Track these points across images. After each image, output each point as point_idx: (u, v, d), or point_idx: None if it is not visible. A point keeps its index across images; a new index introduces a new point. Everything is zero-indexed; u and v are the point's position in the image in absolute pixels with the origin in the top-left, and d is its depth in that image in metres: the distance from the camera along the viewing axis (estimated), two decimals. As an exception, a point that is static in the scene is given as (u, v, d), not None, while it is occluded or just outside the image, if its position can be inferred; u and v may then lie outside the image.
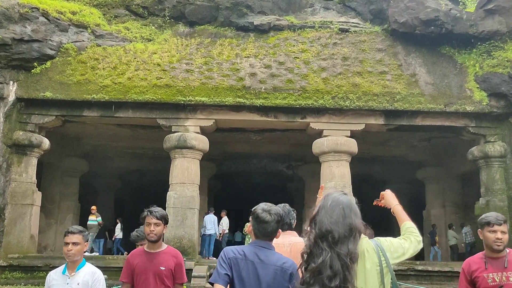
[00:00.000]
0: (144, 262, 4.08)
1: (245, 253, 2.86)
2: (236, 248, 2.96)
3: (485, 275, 3.35)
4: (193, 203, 13.28)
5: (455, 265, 13.23)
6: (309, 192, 18.47)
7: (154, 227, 4.06)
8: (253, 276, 2.78)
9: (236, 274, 2.80)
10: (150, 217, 4.11)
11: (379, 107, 13.44)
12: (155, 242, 4.11)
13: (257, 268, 2.80)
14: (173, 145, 13.48)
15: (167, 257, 4.11)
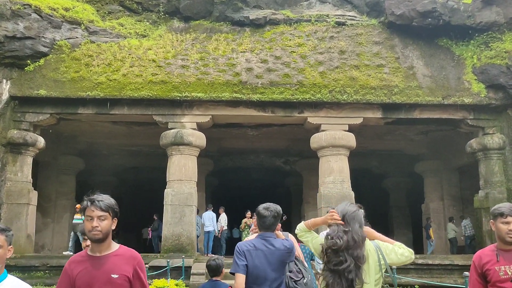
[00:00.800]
0: (89, 271, 2.96)
1: (255, 245, 3.61)
2: (247, 242, 3.70)
3: (497, 268, 3.25)
4: (191, 200, 13.17)
5: (455, 258, 13.20)
6: (307, 187, 18.40)
7: (98, 222, 2.98)
8: (264, 261, 3.54)
9: (251, 262, 3.52)
10: (91, 208, 3.01)
11: (376, 100, 13.35)
12: (101, 241, 3.01)
13: (266, 255, 3.57)
14: (170, 142, 13.36)
15: (120, 260, 3.00)
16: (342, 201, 10.34)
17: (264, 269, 3.53)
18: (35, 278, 12.30)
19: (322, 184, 13.63)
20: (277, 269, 3.59)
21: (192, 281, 11.70)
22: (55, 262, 12.55)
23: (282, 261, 3.61)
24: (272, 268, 3.55)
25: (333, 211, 3.24)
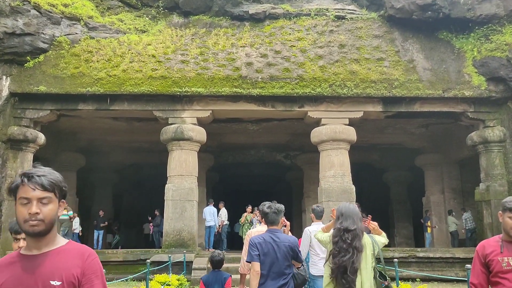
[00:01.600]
0: (18, 278, 2.04)
1: (264, 238, 4.38)
2: (258, 236, 4.44)
3: (500, 259, 3.25)
4: (191, 195, 13.18)
5: (456, 251, 13.22)
6: (308, 182, 18.41)
7: (39, 206, 2.05)
8: (272, 251, 4.29)
9: (262, 252, 4.27)
10: (29, 185, 2.08)
11: (377, 94, 13.33)
12: (42, 235, 2.08)
13: (273, 246, 4.31)
14: (170, 137, 13.36)
15: (65, 259, 2.07)
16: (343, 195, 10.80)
17: (273, 256, 4.29)
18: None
19: (323, 178, 13.64)
20: (283, 257, 4.34)
21: (193, 276, 11.73)
22: (57, 258, 12.57)
23: (286, 250, 4.35)
24: (279, 255, 4.31)
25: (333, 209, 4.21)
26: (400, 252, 13.08)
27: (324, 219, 6.69)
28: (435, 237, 17.35)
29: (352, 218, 3.81)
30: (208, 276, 5.53)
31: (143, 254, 12.72)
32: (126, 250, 13.86)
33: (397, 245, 19.06)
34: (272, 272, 4.24)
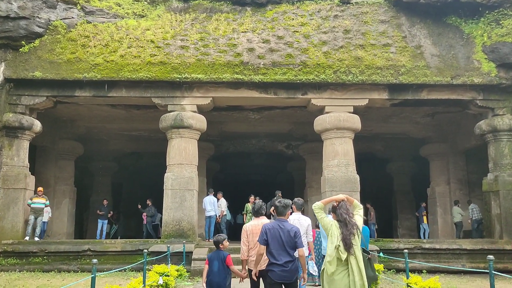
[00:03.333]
0: None
1: (273, 226, 5.39)
2: (269, 224, 5.49)
3: None
4: (191, 184, 12.85)
5: (463, 243, 12.89)
6: (310, 172, 18.05)
7: None
8: (277, 236, 5.29)
9: (270, 236, 5.28)
10: None
11: (383, 81, 12.93)
12: None
13: (279, 232, 5.32)
14: (170, 125, 12.99)
15: None
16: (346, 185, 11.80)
17: (279, 240, 5.31)
18: (33, 264, 12.07)
19: (326, 167, 13.28)
20: (288, 241, 5.33)
21: (193, 266, 11.43)
22: (54, 248, 12.28)
23: (289, 235, 5.32)
24: (284, 238, 5.31)
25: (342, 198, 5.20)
26: (406, 243, 12.76)
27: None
28: (439, 228, 17.01)
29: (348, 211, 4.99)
30: (211, 254, 6.31)
31: (142, 244, 12.41)
32: (125, 240, 13.56)
33: (400, 237, 18.76)
34: (281, 249, 5.29)
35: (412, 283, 7.00)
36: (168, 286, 8.49)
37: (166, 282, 8.44)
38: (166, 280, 8.45)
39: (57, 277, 10.73)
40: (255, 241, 5.62)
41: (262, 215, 6.10)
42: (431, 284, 6.68)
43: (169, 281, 8.52)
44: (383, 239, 13.37)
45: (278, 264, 5.23)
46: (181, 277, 10.46)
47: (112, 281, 10.14)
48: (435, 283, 6.73)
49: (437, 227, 17.04)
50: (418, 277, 7.21)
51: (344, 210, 4.90)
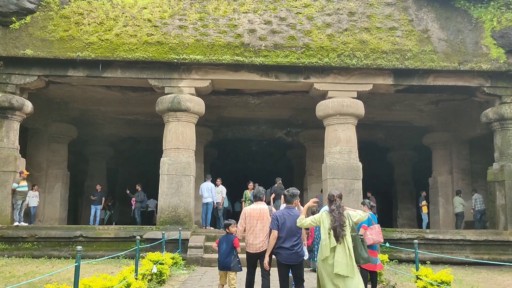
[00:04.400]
0: None
1: (283, 213, 5.88)
2: (280, 211, 6.01)
3: None
4: (188, 169, 12.41)
5: (467, 234, 12.54)
6: (310, 159, 17.64)
7: None
8: (286, 222, 5.72)
9: (281, 222, 5.74)
10: None
11: (388, 65, 12.47)
12: None
13: (288, 217, 5.76)
14: (166, 108, 12.52)
15: None
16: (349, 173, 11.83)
17: (288, 225, 5.75)
18: (22, 250, 11.66)
19: (328, 154, 12.86)
20: (295, 226, 5.72)
21: (189, 254, 11.05)
22: (44, 233, 11.87)
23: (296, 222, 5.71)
24: (292, 225, 5.73)
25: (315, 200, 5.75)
26: (408, 233, 12.39)
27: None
28: (441, 218, 16.66)
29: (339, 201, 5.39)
30: (222, 237, 6.76)
31: (136, 231, 12.00)
32: (118, 226, 13.16)
33: (400, 227, 18.41)
34: (288, 234, 5.75)
35: (422, 275, 6.60)
36: (162, 274, 8.09)
37: (160, 271, 8.04)
38: (160, 269, 8.06)
39: (46, 264, 10.32)
40: (252, 224, 6.22)
41: (261, 200, 6.48)
42: (443, 277, 6.28)
43: (163, 270, 8.12)
44: (385, 229, 12.93)
45: (286, 248, 5.71)
46: (176, 265, 10.07)
47: (104, 269, 9.74)
48: (448, 276, 6.33)
49: (438, 217, 16.70)
50: (428, 269, 6.81)
51: (335, 204, 5.31)
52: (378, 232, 7.53)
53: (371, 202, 8.07)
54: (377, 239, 7.48)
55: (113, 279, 5.87)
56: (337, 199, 5.32)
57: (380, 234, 7.53)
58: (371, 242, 7.46)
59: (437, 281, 6.18)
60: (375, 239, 7.47)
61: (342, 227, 5.07)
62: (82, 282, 5.28)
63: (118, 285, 5.72)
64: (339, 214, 5.16)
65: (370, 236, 7.45)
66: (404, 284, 8.23)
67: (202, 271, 10.13)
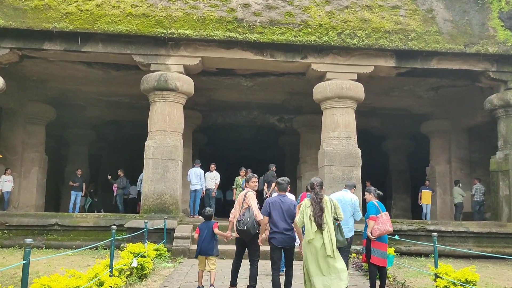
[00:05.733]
0: None
1: (275, 200, 6.18)
2: (272, 198, 6.28)
3: None
4: (175, 153, 11.51)
5: (470, 225, 11.89)
6: (305, 146, 16.85)
7: None
8: (279, 208, 6.08)
9: (272, 209, 6.08)
10: None
11: (390, 46, 11.67)
12: None
13: (280, 204, 6.10)
14: (152, 86, 11.58)
15: None
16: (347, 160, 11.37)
17: (279, 212, 6.00)
18: (-8, 238, 10.70)
19: (325, 140, 12.06)
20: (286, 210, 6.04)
21: (175, 245, 10.19)
22: (16, 221, 10.93)
23: (288, 207, 6.05)
24: (285, 211, 6.00)
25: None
26: (409, 225, 11.71)
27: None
28: (438, 209, 16.01)
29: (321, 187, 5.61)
30: (202, 224, 6.91)
31: (117, 219, 11.11)
32: (98, 214, 12.27)
33: (394, 217, 17.70)
34: (280, 220, 5.98)
35: (442, 272, 5.81)
36: (144, 268, 7.22)
37: (141, 264, 7.17)
38: (141, 262, 7.18)
39: (16, 254, 9.38)
40: (235, 210, 6.58)
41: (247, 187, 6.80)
42: (468, 275, 5.49)
43: (145, 263, 7.25)
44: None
45: (279, 232, 5.97)
46: (160, 258, 9.22)
47: (79, 261, 8.86)
48: (473, 274, 5.55)
49: (435, 208, 16.04)
50: (448, 266, 6.02)
51: (314, 193, 5.53)
52: (385, 220, 6.82)
53: (377, 190, 7.32)
54: (383, 228, 6.75)
55: (83, 276, 4.99)
56: (317, 187, 5.55)
57: (387, 222, 6.81)
58: (377, 233, 6.76)
59: (461, 280, 5.40)
60: (381, 229, 6.76)
61: (321, 216, 5.32)
62: (40, 281, 4.40)
63: (87, 284, 4.82)
64: (317, 203, 5.39)
65: (376, 226, 6.79)
66: (413, 281, 7.49)
67: (189, 263, 9.29)
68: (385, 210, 7.03)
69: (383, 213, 6.90)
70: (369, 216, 6.93)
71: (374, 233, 6.79)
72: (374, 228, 6.79)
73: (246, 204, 6.38)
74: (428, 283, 7.19)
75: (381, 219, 6.81)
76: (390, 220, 6.91)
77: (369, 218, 6.96)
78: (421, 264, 9.48)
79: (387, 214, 6.95)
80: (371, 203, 7.01)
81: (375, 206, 6.99)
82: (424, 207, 16.01)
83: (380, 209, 6.97)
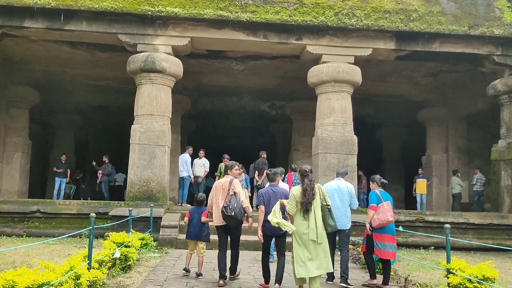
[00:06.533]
0: None
1: (267, 190, 6.30)
2: (264, 189, 6.43)
3: None
4: (163, 139, 10.94)
5: (470, 216, 11.46)
6: (297, 133, 16.37)
7: None
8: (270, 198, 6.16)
9: (266, 198, 6.18)
10: None
11: (391, 27, 11.13)
12: None
13: (271, 194, 6.20)
14: (139, 68, 10.98)
15: None
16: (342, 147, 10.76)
17: (272, 201, 6.06)
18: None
19: (320, 126, 11.55)
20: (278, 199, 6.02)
21: (162, 234, 9.65)
22: (-7, 207, 10.33)
23: (280, 196, 6.16)
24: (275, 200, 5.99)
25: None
26: (406, 215, 11.28)
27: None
28: (434, 199, 15.61)
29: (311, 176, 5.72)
30: (193, 209, 6.97)
31: (102, 207, 10.57)
32: (82, 201, 11.68)
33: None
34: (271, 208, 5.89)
35: (455, 268, 5.30)
36: (127, 259, 6.69)
37: (125, 255, 6.63)
38: (125, 252, 6.64)
39: (-8, 243, 8.83)
40: (217, 197, 6.43)
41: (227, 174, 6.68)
42: (486, 271, 4.98)
43: (129, 253, 6.71)
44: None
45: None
46: (146, 247, 8.69)
47: (60, 250, 8.32)
48: (491, 270, 5.04)
49: (431, 198, 15.62)
50: (461, 260, 5.52)
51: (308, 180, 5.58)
52: (386, 210, 6.38)
53: (381, 178, 6.86)
54: (383, 218, 6.31)
55: (57, 269, 4.44)
56: (310, 174, 5.65)
57: (388, 212, 6.36)
58: (376, 223, 6.31)
59: (478, 277, 4.90)
60: (381, 219, 6.32)
61: (311, 203, 5.43)
62: (5, 276, 3.86)
63: (60, 279, 4.26)
64: (311, 190, 5.47)
65: (376, 216, 6.37)
66: (415, 275, 7.02)
67: (176, 254, 8.76)
68: (389, 199, 6.59)
69: (384, 202, 6.47)
70: (370, 206, 6.49)
71: (373, 223, 6.38)
72: (373, 218, 6.38)
73: (232, 190, 6.31)
74: (432, 277, 6.73)
75: (382, 208, 6.39)
76: (391, 210, 6.47)
77: (369, 208, 6.54)
78: (422, 257, 9.04)
79: (389, 203, 6.50)
80: (373, 192, 6.62)
81: (376, 195, 6.57)
82: (419, 197, 15.42)
83: (382, 198, 6.52)
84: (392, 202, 6.70)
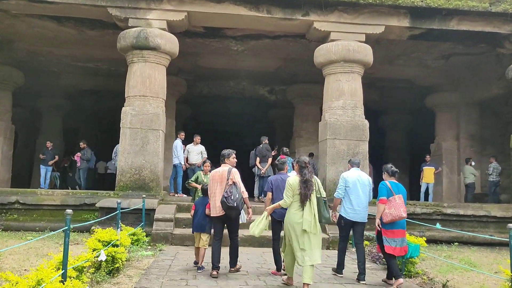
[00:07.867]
0: None
1: (276, 178, 6.48)
2: (274, 176, 6.68)
3: None
4: (157, 122, 9.98)
5: (491, 209, 10.62)
6: (299, 118, 15.45)
7: None
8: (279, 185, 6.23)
9: (274, 186, 6.34)
10: None
11: (406, 2, 10.19)
12: None
13: (280, 182, 6.25)
14: (130, 44, 9.97)
15: None
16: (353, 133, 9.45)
17: (281, 188, 6.06)
18: None
19: (328, 109, 10.64)
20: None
21: (155, 229, 8.71)
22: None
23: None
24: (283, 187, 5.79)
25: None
26: (423, 207, 10.42)
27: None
28: (444, 189, 14.75)
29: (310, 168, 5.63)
30: (198, 200, 6.90)
31: (88, 197, 9.64)
32: (66, 191, 10.68)
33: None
34: (280, 196, 5.82)
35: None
36: (115, 261, 5.74)
37: (112, 255, 5.69)
38: (112, 253, 5.70)
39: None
40: (214, 187, 6.19)
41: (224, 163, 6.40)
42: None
43: (117, 254, 5.75)
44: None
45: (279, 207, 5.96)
46: (138, 244, 7.77)
47: (40, 247, 7.39)
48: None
49: (441, 188, 14.76)
50: None
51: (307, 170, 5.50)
52: (398, 204, 5.73)
53: (393, 167, 6.07)
54: (396, 214, 5.68)
55: (20, 283, 3.49)
56: (309, 166, 5.57)
57: (401, 207, 5.73)
58: (388, 218, 5.69)
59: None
60: (394, 214, 5.68)
61: (310, 195, 5.40)
62: None
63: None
64: (310, 182, 5.44)
65: (388, 210, 5.73)
66: (450, 278, 6.13)
67: (171, 252, 7.81)
68: (401, 192, 5.85)
69: (396, 195, 5.80)
70: (379, 199, 5.85)
71: (385, 218, 5.74)
72: (385, 213, 5.73)
73: (231, 180, 6.09)
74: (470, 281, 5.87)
75: (394, 202, 5.74)
76: (404, 204, 5.80)
77: (379, 201, 5.86)
78: (447, 255, 8.16)
79: (401, 197, 5.83)
80: (382, 183, 5.95)
81: (386, 187, 5.89)
82: (424, 186, 14.34)
83: (393, 190, 5.83)
84: (406, 195, 5.98)
